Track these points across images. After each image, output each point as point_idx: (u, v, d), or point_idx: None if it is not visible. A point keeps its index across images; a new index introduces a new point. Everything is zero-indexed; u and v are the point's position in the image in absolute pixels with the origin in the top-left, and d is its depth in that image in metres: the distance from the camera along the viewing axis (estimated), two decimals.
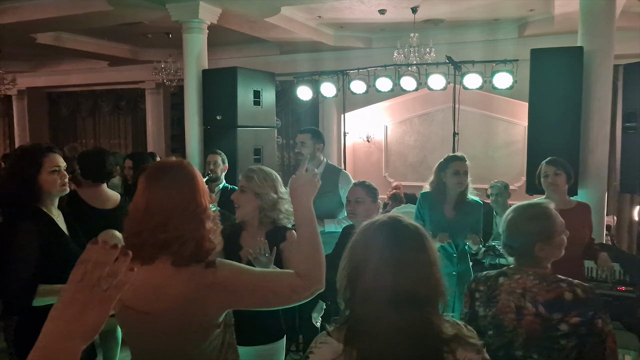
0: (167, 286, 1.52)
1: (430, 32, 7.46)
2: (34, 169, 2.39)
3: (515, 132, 8.86)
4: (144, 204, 1.53)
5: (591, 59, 4.47)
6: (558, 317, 1.75)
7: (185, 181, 1.57)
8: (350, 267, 1.29)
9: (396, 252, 1.25)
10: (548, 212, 1.91)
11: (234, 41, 8.58)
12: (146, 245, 1.50)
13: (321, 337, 1.32)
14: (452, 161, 3.50)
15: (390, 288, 1.22)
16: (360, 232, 1.33)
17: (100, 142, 12.09)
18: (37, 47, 8.38)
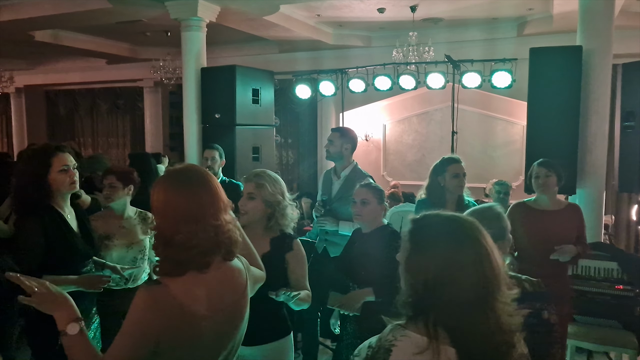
0: (234, 283, 1.64)
1: (429, 30, 7.46)
2: (44, 168, 2.49)
3: (513, 131, 8.87)
4: (186, 209, 1.50)
5: (590, 58, 4.48)
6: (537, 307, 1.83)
7: (210, 179, 1.60)
8: (431, 273, 1.26)
9: (479, 248, 1.28)
10: (501, 214, 2.03)
11: (232, 40, 8.57)
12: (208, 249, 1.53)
13: (397, 330, 1.31)
14: (450, 164, 3.43)
15: (475, 285, 1.24)
16: (433, 235, 1.31)
17: (98, 140, 12.07)
18: (35, 44, 8.35)
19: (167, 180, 1.57)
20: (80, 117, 12.31)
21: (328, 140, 3.87)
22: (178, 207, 1.50)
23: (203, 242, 1.49)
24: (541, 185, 3.35)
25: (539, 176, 3.36)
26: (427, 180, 3.54)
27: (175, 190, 1.53)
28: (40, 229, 2.40)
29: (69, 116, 12.42)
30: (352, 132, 3.96)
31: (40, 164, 2.49)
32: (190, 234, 1.48)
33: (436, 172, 3.45)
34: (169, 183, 1.55)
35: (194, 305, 1.49)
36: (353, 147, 3.88)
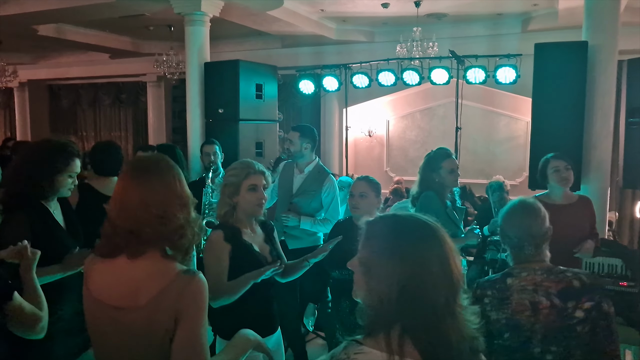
0: (146, 282, 1.53)
1: (433, 26, 7.44)
2: (57, 170, 2.45)
3: (517, 127, 8.85)
4: (136, 198, 1.53)
5: (595, 53, 4.45)
6: (572, 304, 1.82)
7: (174, 173, 1.61)
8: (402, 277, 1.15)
9: (446, 247, 1.19)
10: (540, 206, 2.01)
11: (236, 34, 8.55)
12: (143, 240, 1.52)
13: (352, 347, 1.19)
14: (443, 159, 3.40)
15: (445, 289, 1.16)
16: (393, 238, 1.21)
17: (100, 134, 12.08)
18: (39, 38, 8.35)
19: (127, 167, 1.65)
20: (83, 111, 12.32)
21: (288, 140, 3.91)
22: (127, 192, 1.56)
23: (142, 230, 1.51)
24: (564, 178, 3.30)
25: (559, 169, 3.29)
26: (418, 177, 3.50)
27: (129, 178, 1.59)
28: (27, 224, 2.35)
29: (71, 110, 12.43)
30: (312, 131, 3.93)
31: (56, 165, 2.44)
32: (131, 219, 1.51)
33: (430, 169, 3.42)
34: (127, 169, 1.63)
35: (97, 291, 1.57)
36: (313, 145, 3.88)
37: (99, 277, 1.59)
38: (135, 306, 1.50)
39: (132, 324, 1.51)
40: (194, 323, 1.50)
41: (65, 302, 2.47)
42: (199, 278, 1.53)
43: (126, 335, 1.53)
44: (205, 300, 1.54)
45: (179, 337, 1.49)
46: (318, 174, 3.85)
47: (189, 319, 1.50)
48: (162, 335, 1.50)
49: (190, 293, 1.50)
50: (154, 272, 1.53)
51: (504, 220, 2.01)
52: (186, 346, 1.50)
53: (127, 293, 1.52)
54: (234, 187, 2.39)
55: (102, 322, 1.57)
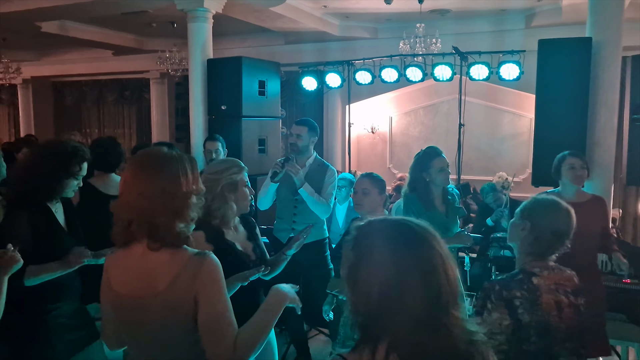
0: (161, 269, 1.59)
1: (436, 22, 7.42)
2: (65, 173, 2.47)
3: (520, 124, 8.82)
4: (138, 190, 1.58)
5: (599, 50, 4.43)
6: (581, 301, 1.86)
7: (177, 165, 1.64)
8: (378, 286, 1.09)
9: (434, 255, 1.12)
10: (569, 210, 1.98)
11: (238, 31, 8.55)
12: (141, 229, 1.58)
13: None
14: (433, 158, 3.33)
15: (428, 301, 1.08)
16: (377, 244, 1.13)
17: (104, 131, 12.11)
18: (42, 36, 8.37)
19: (134, 159, 1.71)
20: (87, 108, 12.35)
21: (295, 135, 3.81)
22: (135, 183, 1.60)
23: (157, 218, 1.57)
24: (579, 176, 3.28)
25: (575, 167, 3.27)
26: (408, 177, 3.46)
27: (135, 170, 1.64)
28: (28, 223, 2.36)
29: (75, 107, 12.46)
30: (316, 124, 3.96)
31: (68, 168, 2.46)
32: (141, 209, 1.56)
33: (420, 168, 3.34)
34: (131, 162, 1.69)
35: (113, 279, 1.65)
36: (317, 139, 3.93)
37: (117, 271, 1.66)
38: (153, 294, 1.57)
39: (153, 312, 1.58)
40: (214, 300, 1.58)
41: (64, 299, 2.50)
42: (211, 258, 1.61)
43: (150, 324, 1.61)
44: (221, 277, 1.61)
45: (202, 316, 1.56)
46: (318, 167, 3.84)
47: (207, 298, 1.57)
48: (183, 318, 1.57)
49: (204, 273, 1.57)
50: (167, 259, 1.59)
51: (542, 216, 1.93)
52: (211, 324, 1.57)
53: (144, 283, 1.59)
54: (233, 185, 2.36)
55: (125, 314, 1.65)
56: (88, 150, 2.59)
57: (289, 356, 4.32)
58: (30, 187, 2.41)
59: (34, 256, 2.36)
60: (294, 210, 3.79)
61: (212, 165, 2.46)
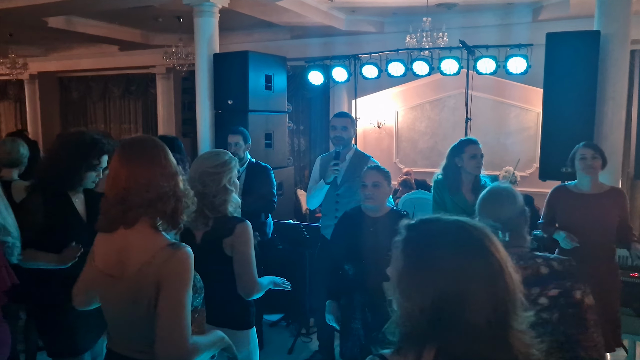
0: (134, 253, 1.65)
1: (443, 16, 7.38)
2: (86, 165, 2.53)
3: (527, 118, 8.78)
4: (125, 173, 1.66)
5: (608, 43, 4.41)
6: (537, 291, 1.75)
7: (159, 150, 1.72)
8: (436, 293, 1.03)
9: (491, 260, 1.06)
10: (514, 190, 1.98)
11: (244, 25, 8.54)
12: (132, 207, 1.64)
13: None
14: (467, 145, 3.48)
15: (488, 311, 1.02)
16: (434, 248, 1.07)
17: (110, 126, 12.15)
18: (49, 31, 8.39)
19: (117, 148, 1.77)
20: (93, 103, 12.39)
21: (341, 127, 3.80)
22: (117, 169, 1.68)
23: (131, 199, 1.64)
24: (589, 166, 3.30)
25: (585, 157, 3.31)
26: (444, 161, 3.58)
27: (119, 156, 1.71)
28: (42, 208, 2.44)
29: (81, 102, 12.51)
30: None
31: (87, 160, 2.51)
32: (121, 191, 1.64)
33: (453, 153, 3.50)
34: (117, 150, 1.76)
35: (96, 253, 1.76)
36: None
37: (100, 247, 1.74)
38: (122, 275, 1.64)
39: (120, 292, 1.66)
40: (175, 292, 1.60)
41: None
42: (184, 251, 1.64)
43: (118, 302, 1.68)
44: (188, 273, 1.63)
45: (161, 304, 1.59)
46: (359, 159, 3.80)
47: (169, 288, 1.59)
48: (146, 304, 1.61)
49: (172, 264, 1.60)
50: (142, 244, 1.65)
51: (478, 210, 1.97)
52: (168, 313, 1.58)
53: (117, 263, 1.66)
54: (234, 177, 2.37)
55: (101, 288, 1.74)
56: (112, 143, 2.62)
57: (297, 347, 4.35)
58: (49, 175, 2.48)
59: (45, 240, 2.46)
60: (335, 206, 3.79)
61: (208, 159, 2.36)
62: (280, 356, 4.29)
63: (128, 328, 1.70)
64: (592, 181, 3.35)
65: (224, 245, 2.27)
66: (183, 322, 1.59)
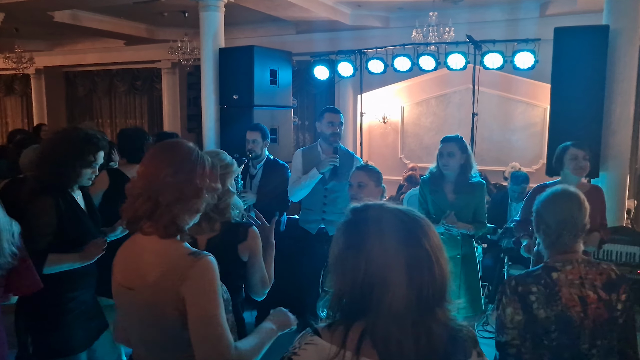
0: (154, 262, 1.57)
1: (449, 11, 7.33)
2: (81, 162, 2.49)
3: (534, 114, 8.73)
4: (149, 171, 1.59)
5: (616, 38, 4.37)
6: (615, 297, 1.81)
7: (194, 157, 1.63)
8: (365, 275, 1.10)
9: (420, 251, 1.12)
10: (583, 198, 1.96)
11: (250, 20, 8.52)
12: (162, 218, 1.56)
13: (306, 336, 1.17)
14: (441, 143, 3.49)
15: (410, 297, 1.09)
16: (369, 232, 1.14)
17: (116, 121, 12.17)
18: (55, 25, 8.40)
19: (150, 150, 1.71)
20: (98, 98, 12.41)
21: (337, 124, 3.82)
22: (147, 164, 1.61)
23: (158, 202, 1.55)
24: (581, 167, 3.26)
25: (577, 158, 3.25)
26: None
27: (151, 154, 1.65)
28: (53, 210, 2.40)
29: (87, 97, 12.53)
30: None
31: (83, 157, 2.48)
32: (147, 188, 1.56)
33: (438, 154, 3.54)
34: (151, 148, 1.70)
35: (116, 268, 1.66)
36: None
37: (120, 261, 1.66)
38: (143, 285, 1.55)
39: (143, 303, 1.56)
40: (203, 302, 1.52)
41: (82, 287, 2.53)
42: (206, 259, 1.55)
43: (144, 315, 1.58)
44: (213, 281, 1.54)
45: (191, 317, 1.51)
46: (345, 156, 3.83)
47: (196, 300, 1.51)
48: (170, 314, 1.52)
49: (194, 274, 1.52)
50: (161, 253, 1.57)
51: (544, 207, 1.93)
52: (202, 326, 1.51)
53: (137, 274, 1.58)
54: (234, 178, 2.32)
55: (123, 303, 1.65)
56: (105, 139, 2.60)
57: None
58: (47, 175, 2.44)
59: (59, 242, 2.41)
60: (324, 200, 3.81)
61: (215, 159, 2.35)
62: (281, 352, 4.29)
63: (159, 346, 1.60)
64: (578, 181, 3.30)
65: (240, 250, 2.20)
66: (218, 332, 1.51)
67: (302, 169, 3.82)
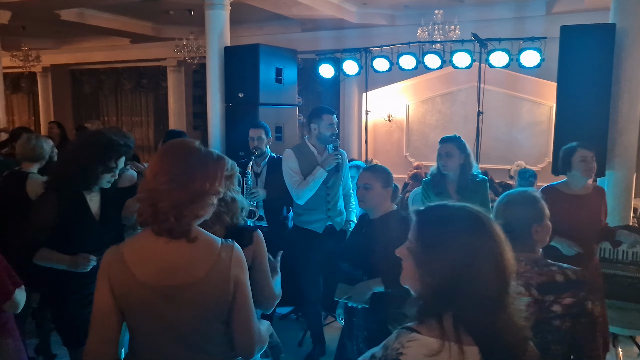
0: (196, 256, 1.60)
1: (455, 9, 7.32)
2: (102, 167, 2.54)
3: (540, 112, 8.70)
4: (152, 172, 1.59)
5: (623, 36, 4.35)
6: (550, 298, 1.77)
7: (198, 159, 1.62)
8: (454, 269, 1.18)
9: (490, 242, 1.22)
10: (538, 197, 1.98)
11: (255, 18, 8.53)
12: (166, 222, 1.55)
13: (405, 335, 1.21)
14: (439, 144, 3.53)
15: (498, 281, 1.20)
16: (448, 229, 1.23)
17: (122, 119, 12.22)
18: (61, 24, 8.44)
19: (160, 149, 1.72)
20: (104, 96, 12.46)
21: (335, 124, 3.87)
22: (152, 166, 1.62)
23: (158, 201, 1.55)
24: (590, 169, 3.23)
25: (586, 159, 3.20)
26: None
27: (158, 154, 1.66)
28: (55, 207, 2.46)
29: (93, 95, 12.58)
30: None
31: (103, 159, 2.53)
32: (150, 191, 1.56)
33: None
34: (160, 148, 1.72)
35: (137, 271, 1.57)
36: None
37: (139, 263, 1.58)
38: (192, 281, 1.57)
39: (193, 298, 1.57)
40: (246, 286, 1.65)
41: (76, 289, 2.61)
42: (236, 245, 1.67)
43: (186, 311, 1.58)
44: (246, 264, 1.68)
45: (238, 301, 1.62)
46: (334, 150, 3.86)
47: (242, 283, 1.63)
48: (222, 305, 1.61)
49: (238, 259, 1.63)
50: (198, 247, 1.59)
51: (505, 208, 1.96)
52: (245, 309, 1.63)
53: (180, 270, 1.57)
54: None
55: (153, 304, 1.57)
56: (127, 145, 2.63)
57: (306, 341, 4.36)
58: (64, 175, 2.51)
59: (59, 239, 2.48)
60: (327, 198, 3.85)
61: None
62: (290, 349, 4.30)
63: (203, 339, 1.62)
64: (586, 182, 3.31)
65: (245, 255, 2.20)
66: (254, 317, 1.67)
67: (298, 168, 3.81)
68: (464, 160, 3.44)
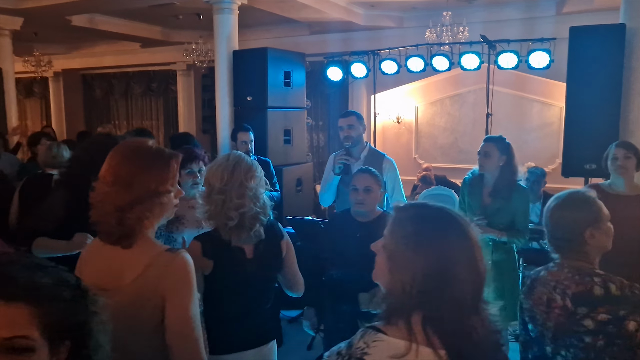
0: (130, 262, 1.56)
1: (463, 10, 7.29)
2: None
3: (550, 113, 8.63)
4: (100, 175, 1.58)
5: (633, 37, 4.32)
6: (583, 311, 1.66)
7: (146, 160, 1.61)
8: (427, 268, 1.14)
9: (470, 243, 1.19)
10: (592, 198, 1.84)
11: (263, 22, 8.56)
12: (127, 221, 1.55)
13: (370, 335, 1.18)
14: (482, 142, 3.45)
15: (473, 286, 1.17)
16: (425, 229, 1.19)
17: (132, 123, 12.30)
18: (72, 29, 8.53)
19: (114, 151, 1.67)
20: (115, 100, 12.56)
21: (347, 126, 3.72)
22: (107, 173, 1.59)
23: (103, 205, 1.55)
24: (619, 167, 3.16)
25: (617, 157, 3.16)
26: None
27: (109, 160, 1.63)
28: (63, 201, 2.53)
29: (104, 99, 12.69)
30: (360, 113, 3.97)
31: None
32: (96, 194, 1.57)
33: None
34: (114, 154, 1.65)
35: (84, 272, 1.57)
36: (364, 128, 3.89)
37: (87, 264, 1.63)
38: (120, 286, 1.53)
39: (119, 304, 1.48)
40: (184, 302, 1.52)
41: None
42: (182, 256, 1.55)
43: (117, 318, 1.52)
44: (191, 278, 1.55)
45: (171, 318, 1.50)
46: (373, 157, 3.74)
47: (177, 299, 1.51)
48: (151, 313, 1.51)
49: (173, 270, 1.52)
50: (137, 252, 1.56)
51: (553, 212, 1.86)
52: (181, 327, 1.51)
53: (112, 274, 1.55)
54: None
55: None
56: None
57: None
58: (76, 175, 2.56)
59: (65, 231, 2.53)
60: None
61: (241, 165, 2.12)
62: (299, 352, 4.31)
63: (128, 349, 1.50)
64: (626, 182, 3.18)
65: (282, 248, 2.22)
66: (196, 334, 1.51)
67: (327, 174, 3.84)
68: (505, 162, 3.33)
